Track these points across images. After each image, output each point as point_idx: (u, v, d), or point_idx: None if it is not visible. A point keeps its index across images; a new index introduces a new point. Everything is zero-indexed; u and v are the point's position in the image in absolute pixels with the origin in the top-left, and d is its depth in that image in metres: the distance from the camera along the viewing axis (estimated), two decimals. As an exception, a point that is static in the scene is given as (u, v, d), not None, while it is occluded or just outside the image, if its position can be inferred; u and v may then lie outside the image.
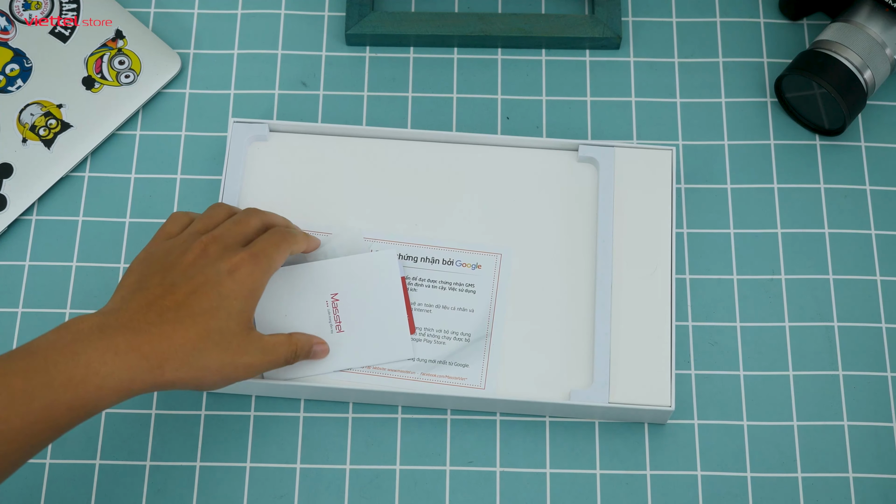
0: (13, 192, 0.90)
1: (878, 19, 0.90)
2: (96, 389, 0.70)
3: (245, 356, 0.76)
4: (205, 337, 0.74)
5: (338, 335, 0.83)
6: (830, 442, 0.85)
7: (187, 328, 0.73)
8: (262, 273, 0.77)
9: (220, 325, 0.75)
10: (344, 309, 0.83)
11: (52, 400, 0.69)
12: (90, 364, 0.70)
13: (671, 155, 0.90)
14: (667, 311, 0.86)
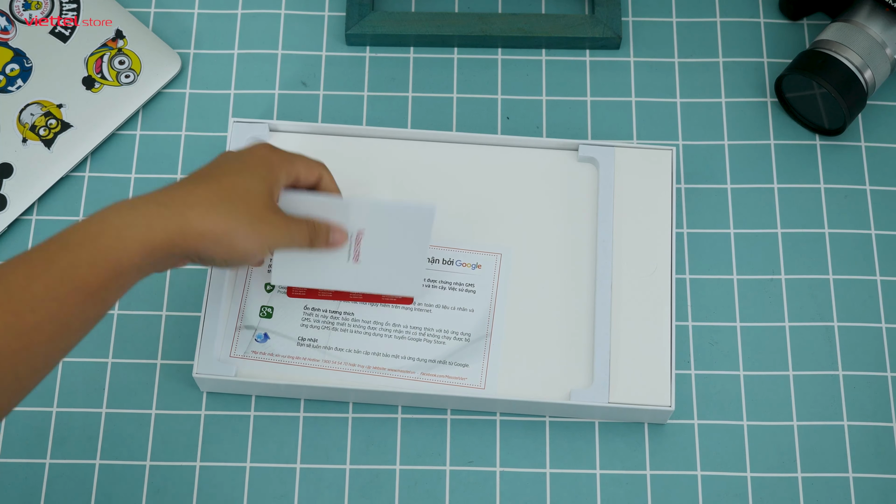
0: (13, 192, 0.90)
1: (878, 19, 0.90)
2: (115, 240, 0.67)
3: (267, 223, 0.74)
4: (230, 191, 0.73)
5: (352, 265, 0.82)
6: (830, 442, 0.85)
7: (210, 183, 0.72)
8: (282, 157, 0.78)
9: (246, 184, 0.74)
10: (367, 245, 0.82)
11: (71, 259, 0.66)
12: (105, 219, 0.68)
13: (671, 155, 0.90)
14: (667, 311, 0.86)
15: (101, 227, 0.68)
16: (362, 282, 0.83)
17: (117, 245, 0.68)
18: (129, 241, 0.68)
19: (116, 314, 0.88)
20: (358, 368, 0.84)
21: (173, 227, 0.70)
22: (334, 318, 0.86)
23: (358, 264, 0.82)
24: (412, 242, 0.82)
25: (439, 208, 0.89)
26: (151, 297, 0.89)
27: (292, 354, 0.85)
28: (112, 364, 0.87)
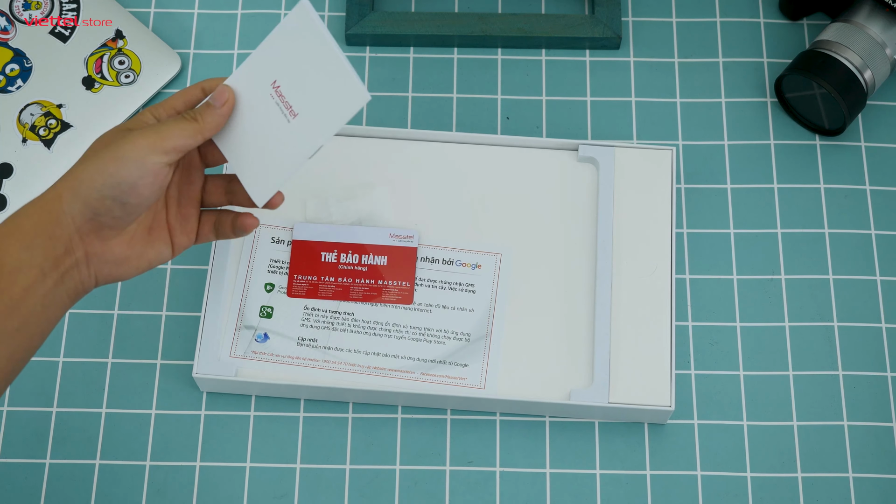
0: (13, 192, 0.90)
1: (878, 19, 0.90)
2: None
3: (128, 135, 0.70)
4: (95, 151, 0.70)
5: (295, 120, 0.73)
6: (830, 442, 0.85)
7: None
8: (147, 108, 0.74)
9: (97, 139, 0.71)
10: (288, 91, 0.73)
11: None
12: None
13: (671, 155, 0.90)
14: (667, 311, 0.86)
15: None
16: (316, 132, 0.73)
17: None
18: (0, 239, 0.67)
19: (116, 314, 0.88)
20: (358, 368, 0.84)
21: (32, 209, 0.68)
22: (334, 318, 0.86)
23: (299, 116, 0.73)
24: (315, 52, 0.72)
25: (439, 208, 0.89)
26: (151, 297, 0.89)
27: (292, 354, 0.85)
28: (112, 364, 0.87)
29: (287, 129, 0.73)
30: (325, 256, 0.86)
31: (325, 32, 0.71)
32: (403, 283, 0.86)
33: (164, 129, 0.70)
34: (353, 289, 0.86)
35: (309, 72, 0.72)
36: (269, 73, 0.73)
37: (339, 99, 0.71)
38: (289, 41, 0.72)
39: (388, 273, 0.86)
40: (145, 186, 0.69)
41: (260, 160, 0.74)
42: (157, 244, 0.74)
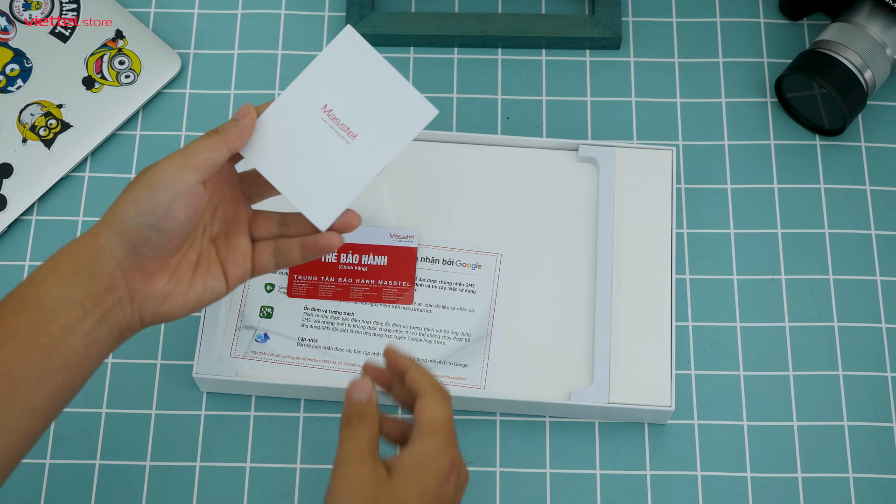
0: (13, 192, 0.90)
1: (878, 19, 0.90)
2: (28, 284, 0.66)
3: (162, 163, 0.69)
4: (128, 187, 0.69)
5: (355, 141, 0.74)
6: (830, 442, 0.85)
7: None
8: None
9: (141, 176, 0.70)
10: (343, 114, 0.74)
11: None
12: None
13: (671, 155, 0.90)
14: (667, 311, 0.86)
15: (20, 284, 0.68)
16: (383, 149, 0.74)
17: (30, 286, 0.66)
18: (39, 277, 0.67)
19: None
20: (358, 368, 0.84)
21: (73, 246, 0.68)
22: (334, 318, 0.86)
23: (359, 137, 0.74)
24: (371, 74, 0.74)
25: (440, 208, 0.89)
26: (151, 297, 0.89)
27: (292, 354, 0.85)
28: (112, 364, 0.87)
29: (347, 150, 0.74)
30: (325, 256, 0.86)
31: (377, 55, 0.73)
32: (403, 283, 0.86)
33: (189, 148, 0.69)
34: (353, 289, 0.86)
35: (365, 93, 0.73)
36: (318, 98, 0.73)
37: (405, 116, 0.74)
38: (336, 66, 0.73)
39: (389, 273, 0.86)
40: (179, 209, 0.69)
41: (317, 184, 0.74)
42: (206, 278, 0.73)
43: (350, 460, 0.67)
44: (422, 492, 0.67)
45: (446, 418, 0.69)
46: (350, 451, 0.67)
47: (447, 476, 0.68)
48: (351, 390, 0.69)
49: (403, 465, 0.67)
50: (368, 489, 0.66)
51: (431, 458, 0.67)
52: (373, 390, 0.69)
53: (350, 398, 0.69)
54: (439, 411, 0.69)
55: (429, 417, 0.68)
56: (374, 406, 0.69)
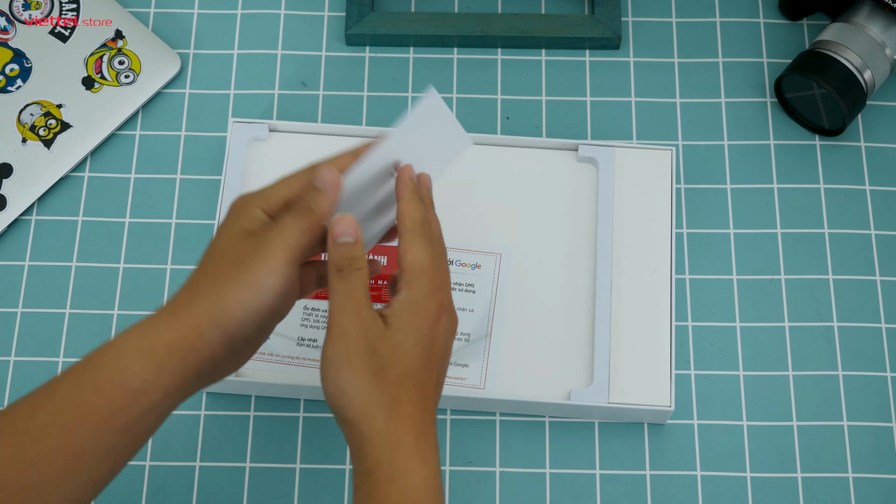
0: (13, 192, 0.90)
1: (878, 19, 0.90)
2: (115, 359, 0.63)
3: (262, 248, 0.66)
4: (204, 265, 0.66)
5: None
6: (830, 442, 0.85)
7: (190, 277, 0.67)
8: (253, 194, 0.69)
9: (215, 247, 0.67)
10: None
11: (73, 385, 0.62)
12: (106, 344, 0.64)
13: (671, 155, 0.90)
14: (667, 311, 0.86)
15: (104, 349, 0.64)
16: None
17: (117, 364, 0.63)
18: (128, 357, 0.63)
19: (116, 314, 0.88)
20: (358, 368, 0.84)
21: (169, 331, 0.64)
22: (334, 318, 0.86)
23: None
24: (444, 131, 0.73)
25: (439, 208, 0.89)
26: (152, 298, 0.88)
27: (292, 354, 0.85)
28: (112, 364, 0.87)
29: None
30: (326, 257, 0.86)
31: (451, 117, 0.73)
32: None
33: (289, 236, 0.66)
34: None
35: (431, 146, 0.72)
36: (394, 155, 0.71)
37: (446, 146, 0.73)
38: (420, 128, 0.71)
39: (388, 273, 0.86)
40: (286, 308, 0.68)
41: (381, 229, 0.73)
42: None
43: (347, 312, 0.65)
44: (418, 339, 0.66)
45: (428, 260, 0.67)
46: (346, 303, 0.65)
47: (437, 321, 0.67)
48: (335, 230, 0.66)
49: (396, 313, 0.66)
50: (368, 340, 0.65)
51: (419, 304, 0.66)
52: (356, 228, 0.67)
53: (335, 240, 0.66)
54: (419, 253, 0.67)
55: (410, 262, 0.67)
56: (361, 247, 0.67)
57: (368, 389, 0.64)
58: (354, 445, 0.65)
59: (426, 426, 0.66)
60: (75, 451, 0.62)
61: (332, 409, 0.66)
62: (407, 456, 0.64)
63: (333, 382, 0.65)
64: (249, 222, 0.67)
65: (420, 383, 0.66)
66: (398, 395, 0.65)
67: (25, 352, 0.87)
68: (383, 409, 0.64)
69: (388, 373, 0.65)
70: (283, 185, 0.69)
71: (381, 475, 0.64)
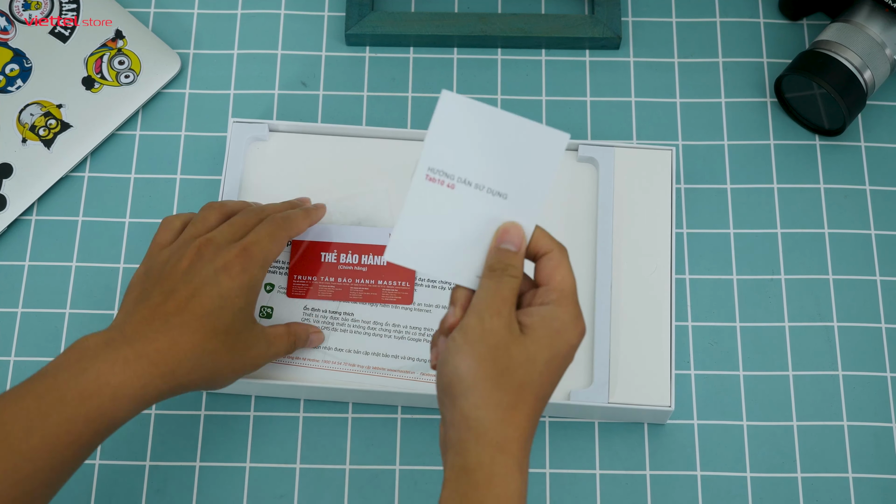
0: (13, 192, 0.90)
1: (878, 19, 0.90)
2: (111, 400, 0.70)
3: (251, 350, 0.77)
4: (212, 338, 0.74)
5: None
6: (830, 442, 0.85)
7: (193, 332, 0.73)
8: (257, 266, 0.76)
9: (226, 324, 0.74)
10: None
11: (68, 415, 0.69)
12: (100, 376, 0.70)
13: (671, 155, 0.90)
14: (667, 311, 0.86)
15: (97, 385, 0.70)
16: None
17: (115, 405, 0.70)
18: (124, 400, 0.71)
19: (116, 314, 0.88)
20: (358, 368, 0.84)
21: (163, 385, 0.72)
22: (334, 318, 0.86)
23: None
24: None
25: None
26: (151, 297, 0.89)
27: (292, 354, 0.85)
28: (112, 364, 0.87)
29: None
30: (325, 257, 0.86)
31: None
32: (403, 283, 0.86)
33: (261, 358, 0.79)
34: (352, 289, 0.86)
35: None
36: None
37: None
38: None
39: (388, 273, 0.86)
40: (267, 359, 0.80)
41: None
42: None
43: (489, 308, 0.66)
44: (553, 355, 0.66)
45: (574, 282, 0.69)
46: (489, 300, 0.66)
47: (575, 346, 0.68)
48: (500, 237, 0.68)
49: (536, 325, 0.66)
50: (502, 339, 0.65)
51: (565, 324, 0.67)
52: (523, 240, 0.68)
53: (497, 244, 0.68)
54: (569, 275, 0.68)
55: (561, 279, 0.68)
56: (520, 259, 0.68)
57: (488, 386, 0.65)
58: (456, 437, 0.65)
59: (530, 440, 0.66)
60: (57, 471, 0.69)
61: (442, 394, 0.66)
62: (511, 463, 0.64)
63: (454, 366, 0.65)
64: (253, 308, 0.77)
65: (539, 398, 0.66)
66: (517, 401, 0.65)
67: (25, 352, 0.87)
68: (499, 410, 0.64)
69: (512, 376, 0.65)
70: (277, 251, 0.79)
71: (482, 476, 0.64)
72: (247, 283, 0.76)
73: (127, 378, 0.71)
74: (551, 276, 0.68)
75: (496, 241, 0.68)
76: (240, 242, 0.77)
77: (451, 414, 0.65)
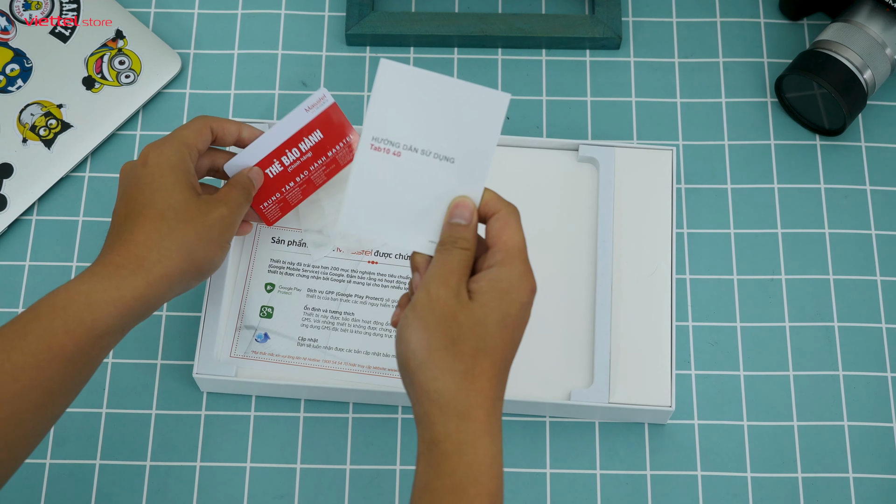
0: (13, 192, 0.90)
1: (878, 19, 0.90)
2: (86, 307, 0.69)
3: (208, 215, 0.75)
4: (160, 220, 0.73)
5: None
6: (830, 442, 0.85)
7: (142, 224, 0.73)
8: (171, 147, 0.75)
9: (166, 202, 0.74)
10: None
11: (44, 328, 0.68)
12: (70, 288, 0.70)
13: (671, 155, 0.90)
14: (667, 311, 0.86)
15: (69, 295, 0.70)
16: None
17: (88, 311, 0.69)
18: (101, 304, 0.70)
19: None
20: (358, 368, 0.84)
21: (139, 283, 0.71)
22: (334, 318, 0.86)
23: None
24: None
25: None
26: (151, 297, 0.89)
27: (292, 354, 0.85)
28: (112, 364, 0.87)
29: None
30: (271, 171, 0.83)
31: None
32: (348, 139, 0.83)
33: (237, 209, 0.77)
34: (314, 177, 0.84)
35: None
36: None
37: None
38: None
39: (330, 141, 0.83)
40: (223, 257, 0.78)
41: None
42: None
43: (435, 279, 0.67)
44: (503, 317, 0.67)
45: (523, 240, 0.69)
46: (436, 272, 0.67)
47: (527, 304, 0.68)
48: (451, 211, 0.69)
49: (483, 289, 0.67)
50: (449, 308, 0.66)
51: (513, 284, 0.67)
52: (473, 213, 0.69)
53: (449, 219, 0.69)
54: (516, 233, 0.69)
55: (507, 239, 0.68)
56: (472, 231, 0.69)
57: (441, 355, 0.65)
58: (421, 411, 0.65)
59: (496, 403, 0.66)
60: (45, 388, 0.68)
61: (402, 371, 0.67)
62: (477, 430, 0.65)
63: (406, 342, 0.66)
64: (191, 179, 0.75)
65: (497, 361, 0.66)
66: (473, 367, 0.65)
67: (26, 352, 0.87)
68: (455, 378, 0.65)
69: (464, 343, 0.65)
70: (193, 135, 0.77)
71: (450, 446, 0.64)
72: (165, 161, 0.75)
73: (97, 283, 0.70)
74: (498, 237, 0.69)
75: (447, 216, 0.69)
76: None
77: (412, 390, 0.66)
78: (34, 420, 0.68)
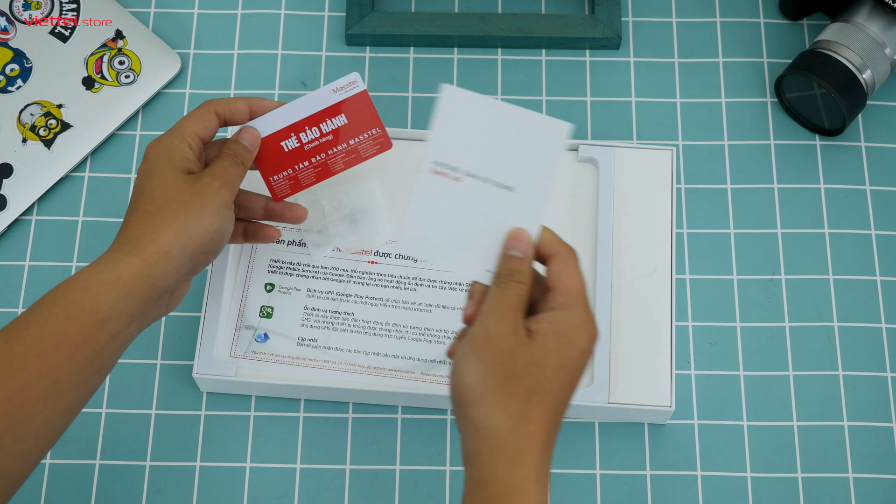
0: (13, 192, 0.90)
1: (878, 19, 0.91)
2: (84, 291, 0.68)
3: (198, 184, 0.74)
4: (150, 202, 0.72)
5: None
6: (830, 442, 0.85)
7: (134, 213, 0.73)
8: (168, 138, 0.75)
9: (155, 184, 0.73)
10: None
11: (45, 317, 0.67)
12: (70, 279, 0.69)
13: (671, 155, 0.90)
14: (667, 311, 0.86)
15: (68, 284, 0.69)
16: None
17: (86, 294, 0.68)
18: (97, 287, 0.69)
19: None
20: (358, 368, 0.84)
21: (136, 263, 0.70)
22: (334, 318, 0.86)
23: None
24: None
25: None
26: (151, 297, 0.89)
27: (292, 354, 0.85)
28: (112, 364, 0.87)
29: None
30: (287, 145, 0.82)
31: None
32: (374, 131, 0.82)
33: (228, 178, 0.75)
34: (331, 162, 0.83)
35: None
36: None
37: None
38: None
39: (354, 128, 0.82)
40: (223, 245, 0.75)
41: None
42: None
43: (493, 315, 0.65)
44: (561, 361, 0.65)
45: (583, 284, 0.67)
46: (494, 307, 0.66)
47: (587, 351, 0.66)
48: (507, 243, 0.68)
49: (544, 331, 0.65)
50: (506, 344, 0.64)
51: (574, 328, 0.66)
52: (530, 247, 0.67)
53: (505, 251, 0.68)
54: (578, 277, 0.67)
55: (568, 282, 0.67)
56: (528, 265, 0.67)
57: (497, 393, 0.64)
58: (472, 448, 0.64)
59: (547, 449, 0.65)
60: (52, 378, 0.66)
61: (455, 405, 0.66)
62: (527, 476, 0.63)
63: (461, 376, 0.65)
64: (183, 162, 0.75)
65: (551, 406, 0.65)
66: (527, 409, 0.64)
67: (25, 352, 0.87)
68: (509, 418, 0.63)
69: (520, 382, 0.64)
70: (193, 123, 0.77)
71: (498, 491, 0.63)
72: (161, 151, 0.75)
73: (94, 269, 0.70)
74: (559, 279, 0.67)
75: (504, 247, 0.68)
76: None
77: (464, 426, 0.65)
78: (44, 412, 0.66)
